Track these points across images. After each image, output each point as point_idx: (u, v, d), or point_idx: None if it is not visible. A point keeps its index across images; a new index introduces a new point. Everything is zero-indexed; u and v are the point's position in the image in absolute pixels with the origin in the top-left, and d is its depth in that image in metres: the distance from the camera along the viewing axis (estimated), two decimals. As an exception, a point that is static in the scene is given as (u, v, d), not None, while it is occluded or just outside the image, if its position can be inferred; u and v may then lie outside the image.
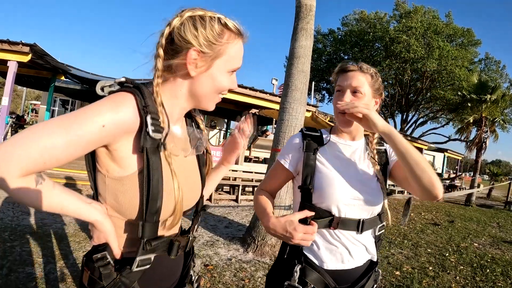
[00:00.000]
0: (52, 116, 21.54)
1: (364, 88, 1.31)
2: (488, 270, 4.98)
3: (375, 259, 1.39)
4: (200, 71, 0.93)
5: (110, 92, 0.89)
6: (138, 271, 0.91)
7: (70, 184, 7.57)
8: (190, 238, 1.11)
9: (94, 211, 0.85)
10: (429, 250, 5.79)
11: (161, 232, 0.96)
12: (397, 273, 4.40)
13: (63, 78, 11.97)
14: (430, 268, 4.83)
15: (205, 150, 1.14)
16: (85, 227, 4.78)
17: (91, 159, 0.93)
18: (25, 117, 24.80)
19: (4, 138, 7.78)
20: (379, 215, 1.37)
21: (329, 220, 1.27)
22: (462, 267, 5.01)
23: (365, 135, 1.46)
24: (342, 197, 1.27)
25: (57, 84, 12.75)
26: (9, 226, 4.49)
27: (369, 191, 1.31)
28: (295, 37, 4.78)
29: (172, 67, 0.93)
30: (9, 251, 3.64)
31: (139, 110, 0.84)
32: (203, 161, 1.15)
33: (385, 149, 1.46)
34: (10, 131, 9.35)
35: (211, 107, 1.02)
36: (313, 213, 1.26)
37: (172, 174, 0.91)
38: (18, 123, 14.70)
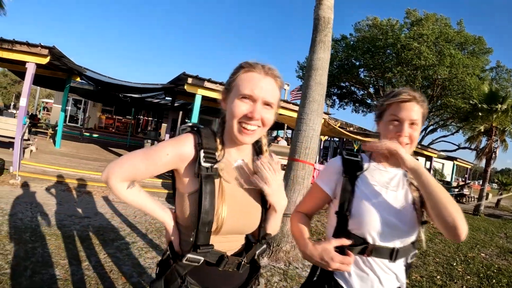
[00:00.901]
0: (66, 116, 21.78)
1: (419, 119, 1.32)
2: (494, 281, 5.03)
3: (403, 287, 1.38)
4: (225, 104, 1.20)
5: (181, 131, 1.22)
6: (187, 264, 1.13)
7: (82, 184, 7.68)
8: (243, 262, 1.22)
9: (165, 214, 1.23)
10: (437, 259, 5.84)
11: (215, 243, 1.15)
12: (406, 281, 4.43)
13: (78, 79, 12.14)
14: (438, 277, 4.89)
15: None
16: (103, 230, 4.89)
17: (173, 180, 1.25)
18: (38, 115, 25.11)
19: (22, 138, 7.92)
20: (413, 243, 1.34)
21: (362, 247, 1.27)
22: (469, 277, 5.07)
23: None
24: (378, 226, 1.26)
25: (72, 85, 12.94)
26: (29, 226, 4.57)
27: (406, 220, 1.29)
28: (313, 49, 4.86)
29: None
30: (31, 252, 3.73)
31: (195, 145, 1.14)
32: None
33: None
34: (27, 131, 9.51)
35: (239, 137, 1.14)
36: (350, 242, 1.26)
37: (217, 196, 1.12)
38: (33, 122, 14.88)
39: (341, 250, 1.25)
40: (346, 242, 1.25)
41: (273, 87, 1.15)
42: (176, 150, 1.13)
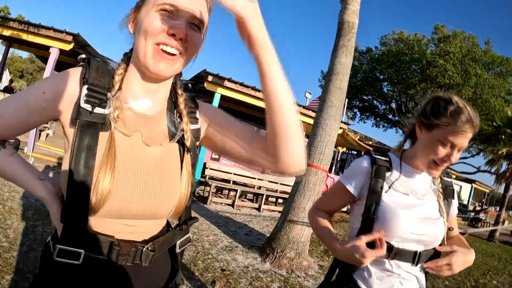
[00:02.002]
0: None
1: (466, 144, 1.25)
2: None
3: None
4: (134, 24, 0.88)
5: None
6: (62, 263, 0.77)
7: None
8: (144, 249, 0.86)
9: (43, 188, 0.84)
10: (446, 282, 5.61)
11: (101, 228, 0.82)
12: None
13: (100, 69, 12.30)
14: (447, 302, 4.67)
15: (181, 147, 0.92)
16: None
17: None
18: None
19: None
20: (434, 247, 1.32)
21: (387, 250, 1.22)
22: (479, 305, 4.84)
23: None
24: (405, 233, 1.23)
25: (93, 75, 13.12)
26: (33, 205, 4.63)
27: (432, 226, 1.28)
28: (335, 54, 4.78)
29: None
30: (31, 230, 3.76)
31: (80, 80, 0.80)
32: (190, 162, 0.93)
33: (451, 182, 1.42)
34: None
35: (151, 63, 0.80)
36: (382, 235, 1.18)
37: (101, 154, 0.78)
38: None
39: (369, 245, 1.19)
40: (377, 236, 1.17)
41: (203, 5, 0.84)
42: (55, 86, 0.79)
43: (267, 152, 0.86)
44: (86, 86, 0.79)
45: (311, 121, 11.27)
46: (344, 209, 11.24)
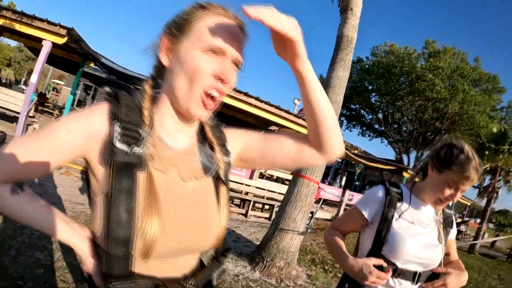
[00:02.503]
0: (74, 100, 21.83)
1: None
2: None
3: None
4: (171, 57, 0.83)
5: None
6: None
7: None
8: (187, 286, 0.85)
9: (71, 232, 0.81)
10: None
11: (151, 269, 0.80)
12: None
13: (92, 65, 12.12)
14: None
15: (216, 180, 0.92)
16: (91, 220, 4.78)
17: (86, 175, 0.84)
18: (47, 95, 25.17)
19: (27, 115, 7.88)
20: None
21: (392, 270, 1.41)
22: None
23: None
24: (409, 255, 1.42)
25: (85, 70, 12.93)
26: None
27: (432, 251, 1.46)
28: (332, 67, 4.81)
29: (159, 69, 0.88)
30: (19, 232, 3.63)
31: (108, 116, 0.76)
32: (225, 193, 0.94)
33: (451, 214, 1.62)
34: (33, 108, 9.47)
35: (195, 108, 0.80)
36: (387, 265, 1.39)
37: (141, 197, 0.74)
38: (40, 101, 14.89)
39: (377, 268, 1.37)
40: (385, 264, 1.39)
41: (244, 45, 0.85)
42: (82, 124, 0.75)
43: (311, 145, 0.94)
44: (118, 124, 0.74)
45: (299, 129, 11.42)
46: (329, 216, 11.33)
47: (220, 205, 0.90)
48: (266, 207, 9.53)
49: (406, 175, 15.95)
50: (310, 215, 5.23)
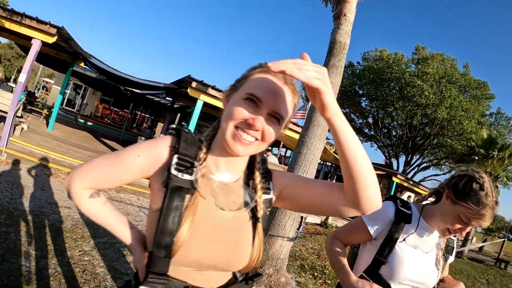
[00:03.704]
0: (63, 99, 21.58)
1: None
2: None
3: None
4: (227, 102, 0.98)
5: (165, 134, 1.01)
6: None
7: (68, 172, 7.48)
8: None
9: (130, 234, 1.02)
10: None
11: (187, 279, 0.95)
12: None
13: (82, 64, 12.01)
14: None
15: (252, 216, 1.02)
16: (82, 224, 4.70)
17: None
18: (36, 94, 24.84)
19: (15, 115, 7.73)
20: None
21: None
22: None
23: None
24: (405, 279, 1.41)
25: (75, 69, 12.80)
26: (6, 208, 4.36)
27: (428, 277, 1.45)
28: (325, 73, 4.77)
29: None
30: (3, 237, 3.54)
31: (170, 148, 0.94)
32: (262, 230, 1.04)
33: (454, 241, 1.59)
34: (21, 108, 9.30)
35: (230, 143, 0.90)
36: None
37: (185, 214, 0.90)
38: (29, 99, 14.67)
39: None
40: None
41: (288, 100, 0.93)
42: (149, 151, 0.94)
43: (347, 199, 0.94)
44: (176, 155, 0.92)
45: (289, 133, 11.42)
46: (318, 221, 11.34)
47: (255, 240, 1.01)
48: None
49: (395, 180, 16.04)
50: (300, 219, 5.22)
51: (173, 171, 0.90)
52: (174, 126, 1.00)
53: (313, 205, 1.02)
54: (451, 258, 1.60)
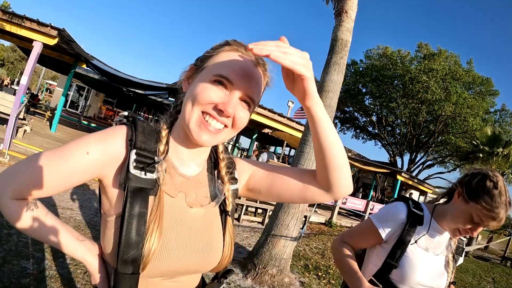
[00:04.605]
0: (66, 101, 21.67)
1: None
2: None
3: None
4: (188, 85, 0.87)
5: (116, 123, 0.86)
6: None
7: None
8: None
9: (83, 249, 0.85)
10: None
11: (147, 287, 0.83)
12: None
13: (84, 66, 12.04)
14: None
15: (221, 210, 0.96)
16: (85, 225, 4.69)
17: (99, 195, 0.88)
18: (39, 96, 24.93)
19: (17, 117, 7.74)
20: None
21: None
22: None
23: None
24: (416, 283, 1.37)
25: (77, 71, 12.84)
26: (9, 210, 4.37)
27: (438, 280, 1.41)
28: (326, 71, 4.75)
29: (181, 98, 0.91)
30: (5, 239, 3.54)
31: (126, 142, 0.80)
32: (231, 224, 0.97)
33: (463, 242, 1.54)
34: (24, 110, 9.31)
35: (195, 132, 0.81)
36: None
37: (151, 219, 0.77)
38: (32, 102, 14.71)
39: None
40: None
41: (259, 82, 0.85)
42: (100, 147, 0.77)
43: (319, 184, 0.93)
44: (134, 151, 0.78)
45: (293, 132, 11.38)
46: (322, 220, 11.29)
47: (225, 236, 0.93)
48: (259, 211, 9.45)
49: (400, 178, 15.96)
50: (304, 219, 5.17)
51: (133, 170, 0.76)
52: (126, 113, 0.87)
53: (285, 192, 0.98)
54: (461, 260, 1.55)
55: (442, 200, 1.52)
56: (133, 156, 0.77)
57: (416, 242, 1.40)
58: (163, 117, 0.92)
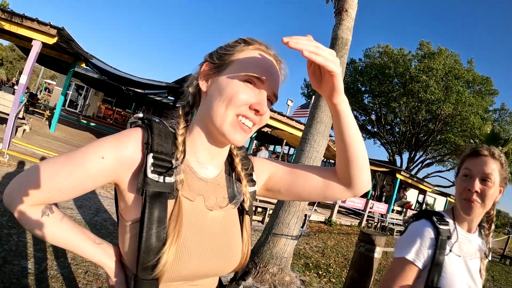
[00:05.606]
0: (65, 100, 21.62)
1: (494, 176, 1.27)
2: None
3: None
4: (210, 84, 0.85)
5: (130, 125, 0.84)
6: None
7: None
8: None
9: (100, 252, 0.84)
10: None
11: None
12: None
13: (83, 65, 12.01)
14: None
15: (240, 210, 0.95)
16: (85, 224, 4.69)
17: (116, 200, 0.87)
18: (38, 95, 24.89)
19: (17, 116, 7.73)
20: None
21: None
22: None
23: (479, 225, 1.43)
24: None
25: (76, 70, 12.81)
26: (8, 210, 4.31)
27: (476, 286, 1.33)
28: (327, 69, 4.71)
29: (196, 97, 0.90)
30: (5, 239, 3.53)
31: (142, 146, 0.77)
32: (249, 223, 0.96)
33: (490, 241, 1.46)
34: (23, 110, 9.29)
35: (230, 133, 0.80)
36: None
37: (170, 224, 0.76)
38: (31, 101, 14.70)
39: None
40: None
41: (279, 80, 0.87)
42: (116, 151, 0.75)
43: (340, 181, 0.94)
44: (151, 155, 0.76)
45: (292, 131, 11.38)
46: (322, 219, 11.29)
47: (243, 234, 0.93)
48: (259, 210, 9.44)
49: (399, 176, 15.96)
50: (304, 217, 5.18)
51: (150, 175, 0.74)
52: (141, 115, 0.84)
53: (305, 191, 0.98)
54: (488, 259, 1.47)
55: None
56: (150, 160, 0.75)
57: (451, 256, 1.31)
58: (174, 116, 0.89)
